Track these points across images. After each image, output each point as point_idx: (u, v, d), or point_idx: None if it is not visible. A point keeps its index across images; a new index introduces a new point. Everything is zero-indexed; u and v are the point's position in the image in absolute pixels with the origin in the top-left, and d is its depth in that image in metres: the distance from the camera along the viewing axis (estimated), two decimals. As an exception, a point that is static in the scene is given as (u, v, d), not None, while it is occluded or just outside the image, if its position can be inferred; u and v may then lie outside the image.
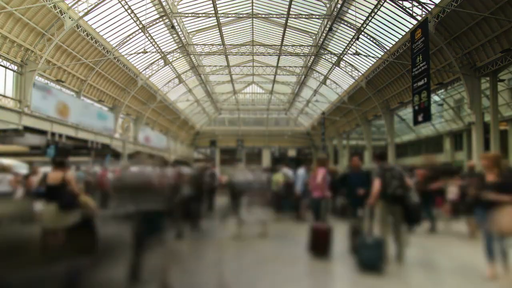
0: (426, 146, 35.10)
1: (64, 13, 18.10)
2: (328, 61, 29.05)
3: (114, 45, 23.29)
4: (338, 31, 24.46)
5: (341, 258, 5.64)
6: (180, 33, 25.20)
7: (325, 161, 7.76)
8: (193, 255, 6.11)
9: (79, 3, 18.56)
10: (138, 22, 22.24)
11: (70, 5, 18.30)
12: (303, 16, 23.97)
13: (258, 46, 29.72)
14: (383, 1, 18.95)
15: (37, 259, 3.85)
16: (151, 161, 5.25)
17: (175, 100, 36.78)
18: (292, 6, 22.53)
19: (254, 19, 25.99)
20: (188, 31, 26.88)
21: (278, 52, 29.38)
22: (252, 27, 27.73)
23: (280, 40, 27.48)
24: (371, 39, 22.78)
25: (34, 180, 7.79)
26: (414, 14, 17.66)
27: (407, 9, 17.76)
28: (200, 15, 24.04)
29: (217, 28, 25.96)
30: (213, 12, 23.40)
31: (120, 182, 5.06)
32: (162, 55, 27.50)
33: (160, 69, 29.24)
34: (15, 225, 4.33)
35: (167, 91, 33.63)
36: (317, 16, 23.79)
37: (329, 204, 7.29)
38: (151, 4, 21.38)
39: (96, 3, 18.77)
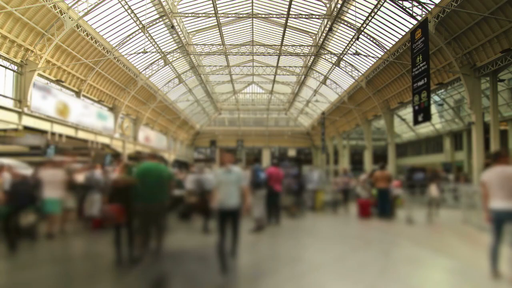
0: (426, 146, 35.14)
1: (64, 13, 18.09)
2: (328, 61, 29.03)
3: (114, 45, 23.27)
4: (338, 31, 24.45)
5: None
6: (180, 33, 25.20)
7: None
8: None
9: (79, 3, 18.55)
10: (138, 22, 22.22)
11: (70, 5, 18.29)
12: (303, 16, 23.95)
13: (258, 46, 29.70)
14: (383, 1, 18.93)
15: None
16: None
17: (175, 100, 36.78)
18: (292, 6, 22.51)
19: (254, 19, 25.98)
20: (188, 31, 26.88)
21: (278, 52, 29.36)
22: (252, 27, 27.72)
23: (280, 40, 27.47)
24: (371, 39, 22.76)
25: None
26: (414, 14, 17.64)
27: (407, 9, 17.74)
28: (200, 15, 24.03)
29: (217, 28, 25.96)
30: (213, 12, 23.40)
31: None
32: (162, 55, 27.48)
33: (160, 69, 29.23)
34: None
35: (167, 91, 33.63)
36: (317, 16, 23.78)
37: None
38: (151, 4, 21.39)
39: (96, 3, 18.76)
